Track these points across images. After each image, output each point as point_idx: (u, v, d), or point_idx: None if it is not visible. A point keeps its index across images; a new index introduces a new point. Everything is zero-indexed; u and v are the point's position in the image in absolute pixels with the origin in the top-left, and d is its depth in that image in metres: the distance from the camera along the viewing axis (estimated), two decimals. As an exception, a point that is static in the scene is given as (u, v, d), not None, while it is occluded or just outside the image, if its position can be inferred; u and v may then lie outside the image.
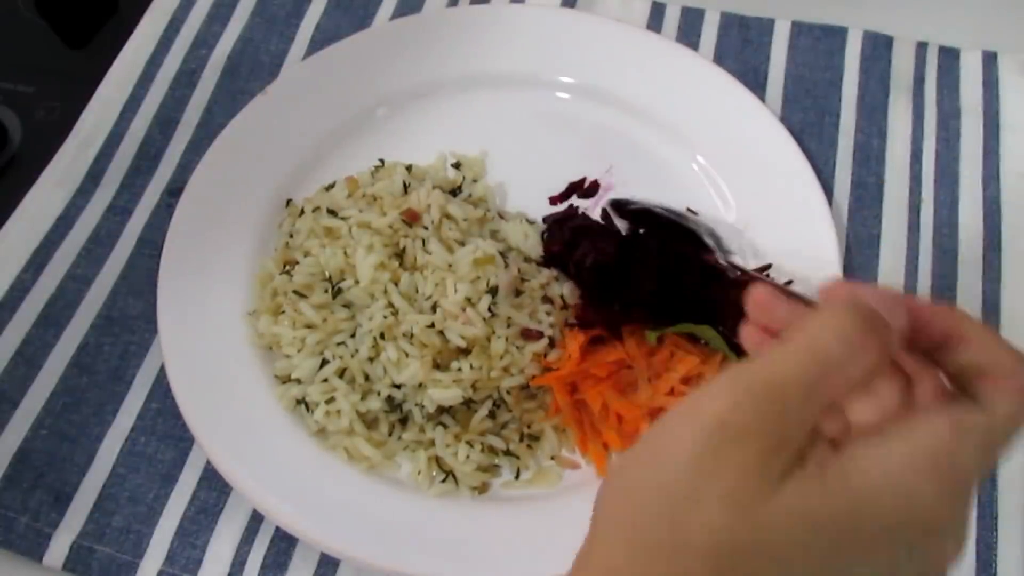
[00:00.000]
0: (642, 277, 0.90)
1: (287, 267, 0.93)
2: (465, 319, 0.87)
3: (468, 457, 0.85)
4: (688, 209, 0.99)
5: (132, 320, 0.96)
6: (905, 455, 0.44)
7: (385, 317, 0.87)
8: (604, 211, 0.97)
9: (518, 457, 0.86)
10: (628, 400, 0.84)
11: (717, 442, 0.44)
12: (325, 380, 0.87)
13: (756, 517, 0.42)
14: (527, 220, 0.98)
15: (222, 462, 0.82)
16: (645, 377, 0.85)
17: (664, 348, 0.87)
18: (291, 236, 0.96)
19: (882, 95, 1.07)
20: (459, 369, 0.86)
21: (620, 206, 0.95)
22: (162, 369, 0.92)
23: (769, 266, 0.92)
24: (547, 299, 0.92)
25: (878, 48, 1.10)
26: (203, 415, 0.85)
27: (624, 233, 0.93)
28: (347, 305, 0.90)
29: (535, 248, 0.95)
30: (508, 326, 0.87)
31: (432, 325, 0.86)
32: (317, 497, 0.82)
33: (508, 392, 0.87)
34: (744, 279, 0.92)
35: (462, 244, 0.93)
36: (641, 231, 0.93)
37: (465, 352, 0.87)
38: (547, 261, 0.95)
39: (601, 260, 0.92)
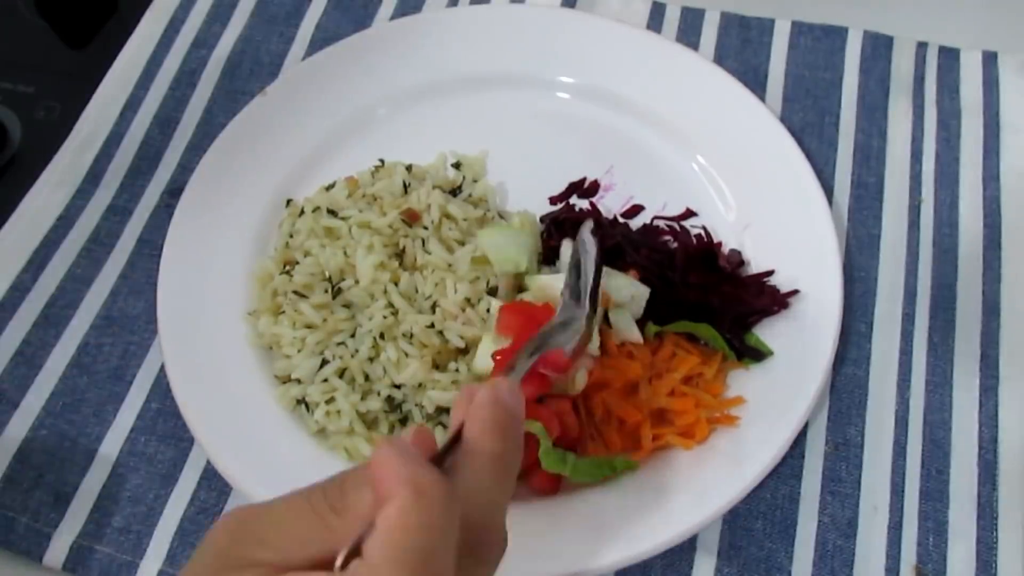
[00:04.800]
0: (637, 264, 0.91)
1: (287, 267, 0.93)
2: (464, 319, 0.87)
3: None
4: (688, 209, 0.99)
5: (132, 320, 0.96)
6: (374, 554, 0.46)
7: (385, 317, 0.87)
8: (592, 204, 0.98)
9: (518, 457, 0.86)
10: (630, 402, 0.84)
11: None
12: (325, 380, 0.87)
13: None
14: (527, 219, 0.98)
15: (222, 462, 0.82)
16: (646, 378, 0.85)
17: (665, 347, 0.88)
18: (291, 236, 0.96)
19: (882, 95, 1.07)
20: (457, 370, 0.86)
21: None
22: (162, 369, 0.92)
23: (771, 272, 0.92)
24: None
25: (878, 48, 1.10)
26: (203, 415, 0.85)
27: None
28: (347, 305, 0.90)
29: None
30: (508, 326, 0.87)
31: (432, 325, 0.86)
32: (317, 497, 0.82)
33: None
34: (745, 280, 0.92)
35: (462, 244, 0.93)
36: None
37: (464, 352, 0.87)
38: (547, 259, 0.95)
39: (605, 243, 0.93)
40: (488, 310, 0.87)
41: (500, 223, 0.95)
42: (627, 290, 0.87)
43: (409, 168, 1.00)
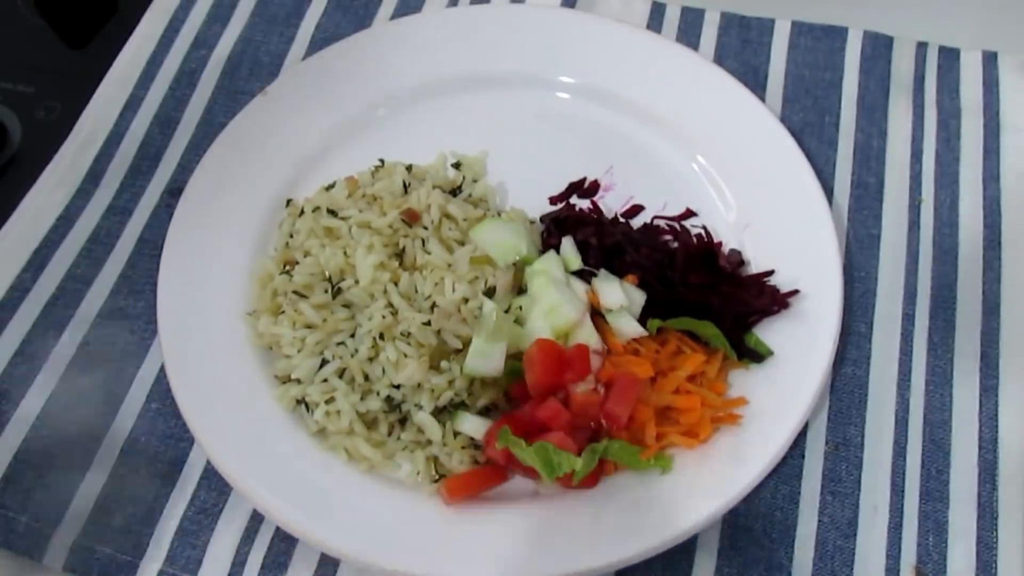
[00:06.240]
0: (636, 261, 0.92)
1: (287, 267, 0.93)
2: (459, 318, 0.87)
3: (462, 461, 0.85)
4: (688, 209, 0.99)
5: (132, 320, 0.96)
6: None
7: (384, 317, 0.87)
8: (595, 203, 0.98)
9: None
10: (638, 400, 0.84)
11: None
12: (325, 380, 0.87)
13: None
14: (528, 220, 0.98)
15: (222, 462, 0.82)
16: (651, 375, 0.85)
17: (670, 344, 0.88)
18: (291, 236, 0.96)
19: (882, 95, 1.07)
20: (450, 369, 0.86)
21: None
22: (162, 369, 0.92)
23: (771, 272, 0.92)
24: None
25: (878, 48, 1.10)
26: (203, 415, 0.85)
27: None
28: (347, 305, 0.90)
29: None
30: (508, 326, 0.87)
31: (429, 323, 0.86)
32: (317, 497, 0.82)
33: (504, 394, 0.87)
34: (745, 280, 0.92)
35: (462, 244, 0.93)
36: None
37: (460, 352, 0.87)
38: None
39: (605, 242, 0.93)
40: (480, 309, 0.87)
41: (489, 218, 0.95)
42: (620, 296, 0.87)
43: (409, 168, 1.00)
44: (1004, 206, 1.00)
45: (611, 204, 1.01)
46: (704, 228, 0.97)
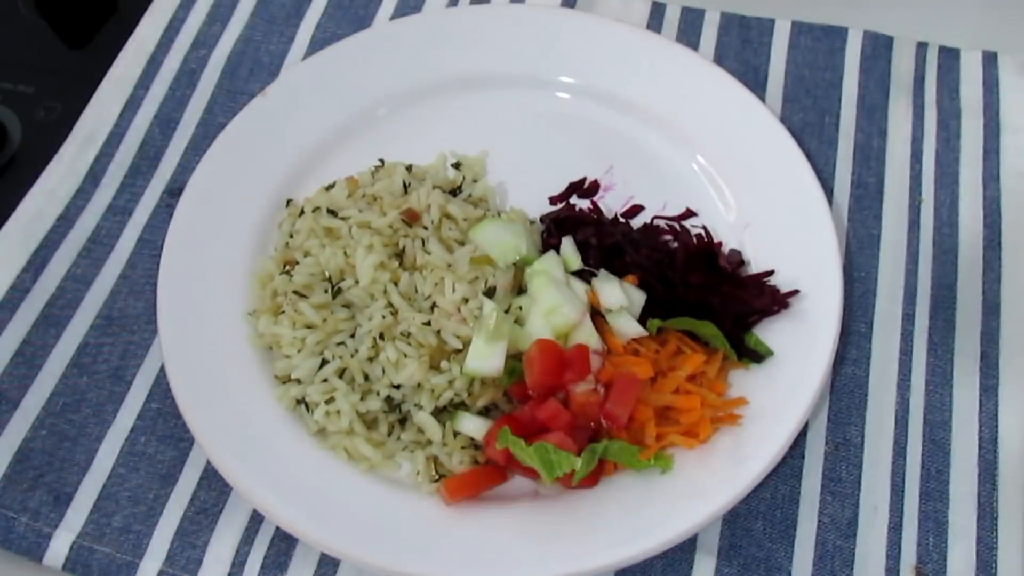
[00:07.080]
0: (636, 261, 0.92)
1: (287, 267, 0.93)
2: (459, 318, 0.87)
3: (462, 461, 0.85)
4: (688, 209, 0.99)
5: (132, 320, 0.96)
6: None
7: (384, 317, 0.87)
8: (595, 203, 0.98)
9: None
10: (638, 400, 0.84)
11: None
12: (325, 380, 0.87)
13: None
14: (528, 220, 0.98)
15: (222, 462, 0.82)
16: (650, 375, 0.85)
17: (670, 344, 0.88)
18: (291, 236, 0.96)
19: (882, 95, 1.07)
20: (450, 369, 0.86)
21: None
22: (162, 369, 0.92)
23: (771, 272, 0.92)
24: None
25: (878, 48, 1.10)
26: (203, 415, 0.85)
27: None
28: (347, 305, 0.90)
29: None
30: (508, 326, 0.87)
31: (429, 323, 0.86)
32: (317, 497, 0.82)
33: (504, 394, 0.87)
34: (745, 280, 0.92)
35: (462, 244, 0.93)
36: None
37: (460, 352, 0.87)
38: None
39: (605, 242, 0.93)
40: (480, 309, 0.87)
41: (489, 218, 0.95)
42: (620, 296, 0.87)
43: (409, 168, 1.00)
44: (1004, 206, 1.00)
45: (611, 204, 1.01)
46: (704, 228, 0.97)
